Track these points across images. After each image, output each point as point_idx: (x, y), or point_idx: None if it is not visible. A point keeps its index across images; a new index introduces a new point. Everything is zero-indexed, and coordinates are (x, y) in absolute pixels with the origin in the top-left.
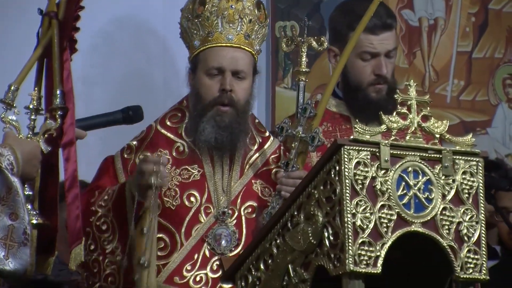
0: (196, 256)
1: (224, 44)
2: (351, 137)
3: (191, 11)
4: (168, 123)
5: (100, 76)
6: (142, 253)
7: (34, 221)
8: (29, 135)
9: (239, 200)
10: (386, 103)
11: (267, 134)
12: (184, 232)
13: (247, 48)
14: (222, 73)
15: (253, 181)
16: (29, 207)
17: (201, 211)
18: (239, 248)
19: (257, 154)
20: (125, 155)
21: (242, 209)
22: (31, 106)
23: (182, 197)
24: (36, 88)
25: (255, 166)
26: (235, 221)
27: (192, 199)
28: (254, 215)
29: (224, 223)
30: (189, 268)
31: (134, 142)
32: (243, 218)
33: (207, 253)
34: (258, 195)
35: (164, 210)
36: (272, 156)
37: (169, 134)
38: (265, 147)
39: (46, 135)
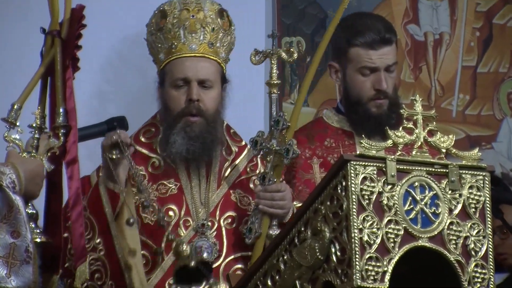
0: None
1: (188, 54)
2: (357, 152)
3: (154, 25)
4: (142, 139)
5: (114, 92)
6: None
7: (38, 240)
8: (32, 154)
9: (218, 211)
10: (387, 118)
11: (243, 143)
12: (164, 247)
13: (211, 57)
14: (188, 84)
15: (231, 191)
16: (33, 225)
17: (180, 225)
18: (221, 260)
19: (233, 164)
20: (100, 174)
21: (222, 220)
22: (34, 125)
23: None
24: (39, 107)
25: (232, 176)
26: (215, 233)
27: (171, 213)
28: (234, 225)
29: (204, 235)
30: (171, 282)
31: None
32: (223, 229)
33: None
34: (237, 204)
35: (143, 226)
36: (250, 165)
37: (144, 150)
38: (241, 156)
39: (49, 153)
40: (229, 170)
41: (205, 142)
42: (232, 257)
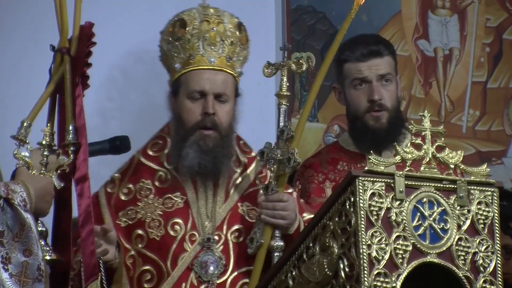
0: (183, 285)
1: (206, 67)
2: (366, 168)
3: (171, 34)
4: (150, 152)
5: (117, 110)
6: None
7: (48, 257)
8: (42, 171)
9: (225, 225)
10: (388, 132)
11: (252, 154)
12: (170, 262)
13: (228, 71)
14: (204, 96)
15: (238, 204)
16: (43, 243)
17: (186, 240)
18: (227, 274)
19: (242, 176)
20: (108, 189)
21: (229, 233)
22: (43, 142)
23: (166, 227)
24: (48, 124)
25: (241, 188)
26: (222, 247)
27: (177, 227)
28: (241, 239)
29: (209, 249)
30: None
31: (117, 175)
32: (230, 243)
33: (194, 281)
34: (244, 218)
35: (149, 241)
36: (259, 176)
37: (151, 164)
38: (251, 167)
39: (59, 171)
40: (237, 182)
41: (217, 156)
42: (238, 271)
